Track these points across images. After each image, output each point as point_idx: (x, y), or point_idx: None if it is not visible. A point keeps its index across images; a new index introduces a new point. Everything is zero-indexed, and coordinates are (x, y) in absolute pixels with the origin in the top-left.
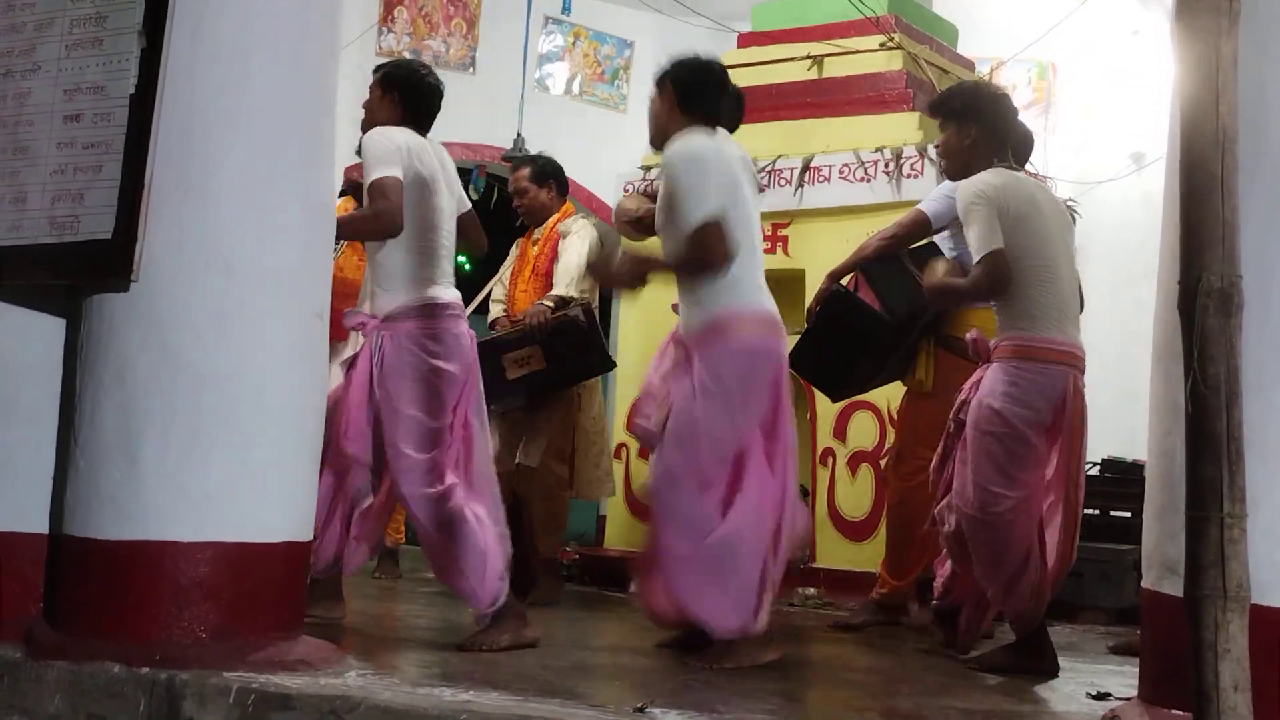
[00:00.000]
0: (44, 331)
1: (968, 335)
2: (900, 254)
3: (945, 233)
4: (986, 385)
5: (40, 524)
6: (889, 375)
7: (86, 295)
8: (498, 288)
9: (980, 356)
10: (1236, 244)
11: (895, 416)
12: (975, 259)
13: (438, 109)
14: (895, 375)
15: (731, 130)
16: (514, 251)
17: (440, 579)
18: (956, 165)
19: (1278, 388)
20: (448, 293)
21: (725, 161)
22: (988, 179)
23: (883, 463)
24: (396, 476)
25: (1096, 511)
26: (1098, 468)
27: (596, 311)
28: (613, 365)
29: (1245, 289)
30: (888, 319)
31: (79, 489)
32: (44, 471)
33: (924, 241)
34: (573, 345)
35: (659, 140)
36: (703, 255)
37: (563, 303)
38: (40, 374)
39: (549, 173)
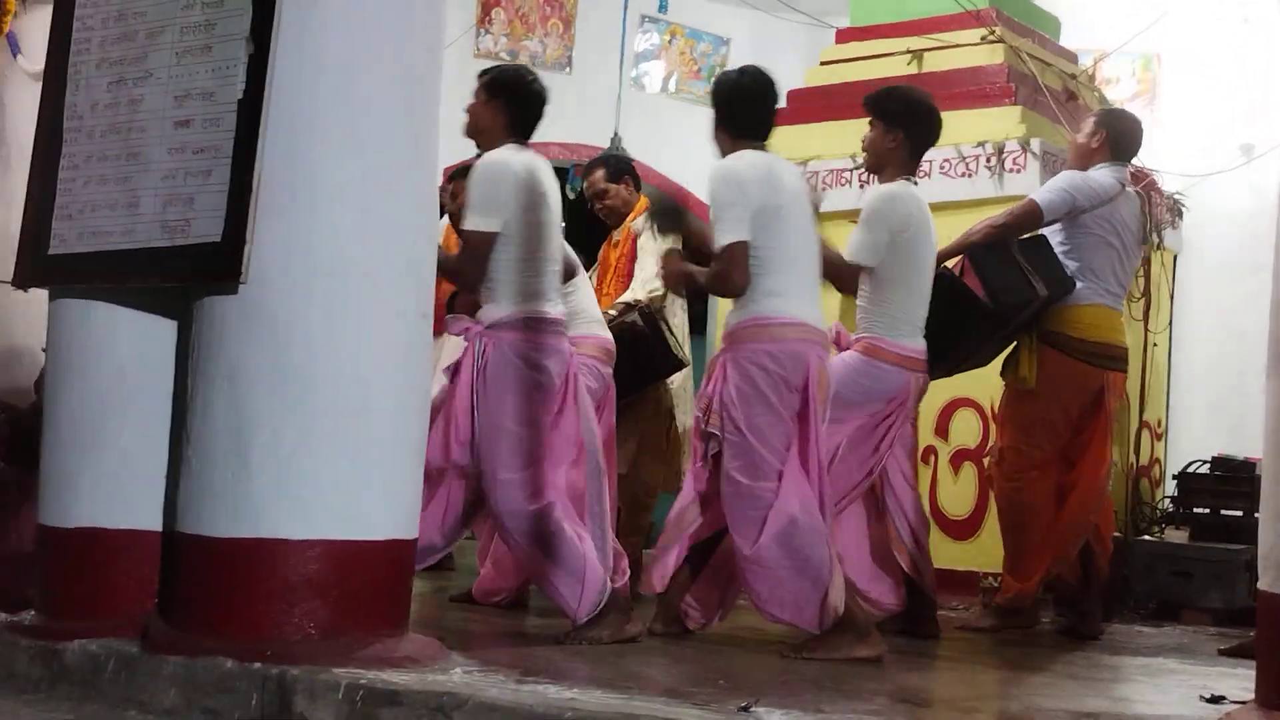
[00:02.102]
0: (158, 333)
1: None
2: (1010, 243)
3: (1056, 225)
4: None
5: (155, 522)
6: (977, 362)
7: (197, 297)
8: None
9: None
10: None
11: (997, 413)
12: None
13: (542, 116)
14: (983, 362)
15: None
16: (600, 257)
17: (542, 588)
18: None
19: None
20: (554, 308)
21: (766, 185)
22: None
23: (986, 462)
24: (491, 490)
25: (1206, 510)
26: (1207, 465)
27: (687, 307)
28: (680, 365)
29: None
30: (991, 308)
31: (191, 487)
32: (158, 470)
33: (1035, 233)
34: (636, 351)
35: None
36: (722, 277)
37: (628, 308)
38: (154, 375)
39: (623, 169)
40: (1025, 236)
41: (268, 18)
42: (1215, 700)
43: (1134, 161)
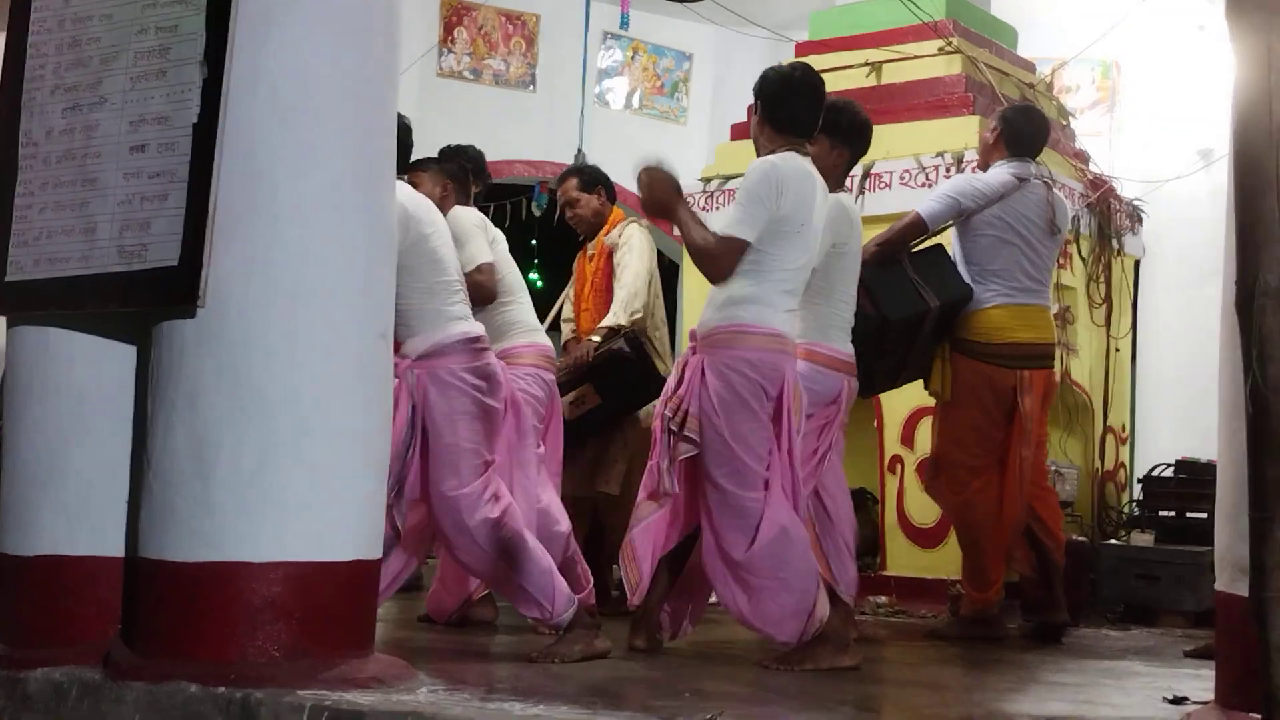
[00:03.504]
0: (117, 359)
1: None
2: (901, 258)
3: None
4: None
5: (117, 548)
6: (912, 374)
7: (156, 321)
8: (567, 305)
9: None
10: None
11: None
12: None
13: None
14: (915, 376)
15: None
16: (575, 270)
17: (509, 601)
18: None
19: None
20: (472, 327)
21: (799, 196)
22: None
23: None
24: (454, 511)
25: (1172, 513)
26: (1172, 469)
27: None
28: None
29: None
30: (880, 324)
31: (153, 512)
32: (119, 496)
33: (930, 243)
34: (623, 377)
35: (759, 155)
36: (709, 258)
37: (612, 333)
38: (114, 401)
39: (596, 179)
40: (919, 248)
41: (222, 41)
42: (1178, 701)
43: (1092, 167)
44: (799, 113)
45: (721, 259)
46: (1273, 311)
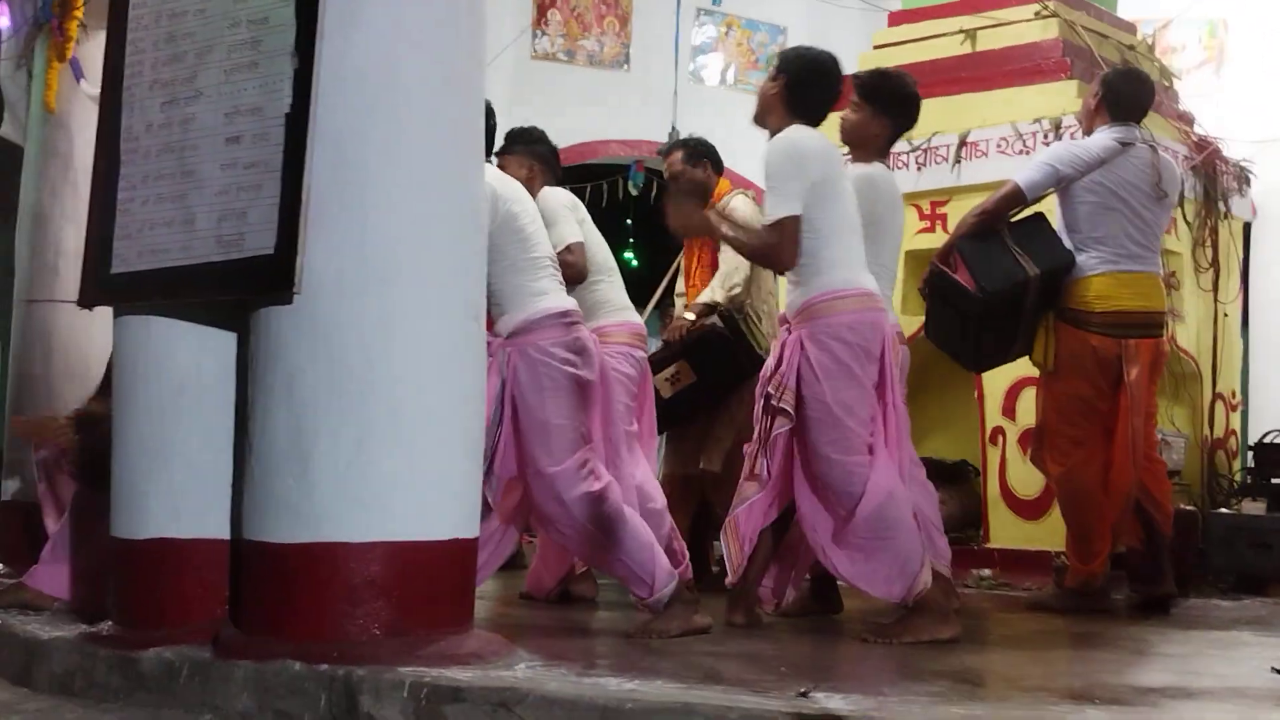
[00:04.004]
0: (217, 346)
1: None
2: (1001, 229)
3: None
4: None
5: (223, 530)
6: (1024, 347)
7: (254, 309)
8: (681, 280)
9: None
10: None
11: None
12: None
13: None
14: (1027, 350)
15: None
16: (684, 243)
17: (610, 574)
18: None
19: None
20: (564, 302)
21: (824, 159)
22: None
23: (1028, 451)
24: (552, 487)
25: None
26: None
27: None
28: (764, 361)
29: None
30: (979, 296)
31: (255, 495)
32: (224, 480)
33: (1030, 213)
34: (717, 354)
35: (759, 120)
36: (770, 249)
37: (708, 310)
38: (216, 387)
39: (702, 151)
40: (1019, 218)
41: (311, 32)
42: None
43: (1196, 129)
44: (819, 99)
45: (779, 244)
46: None
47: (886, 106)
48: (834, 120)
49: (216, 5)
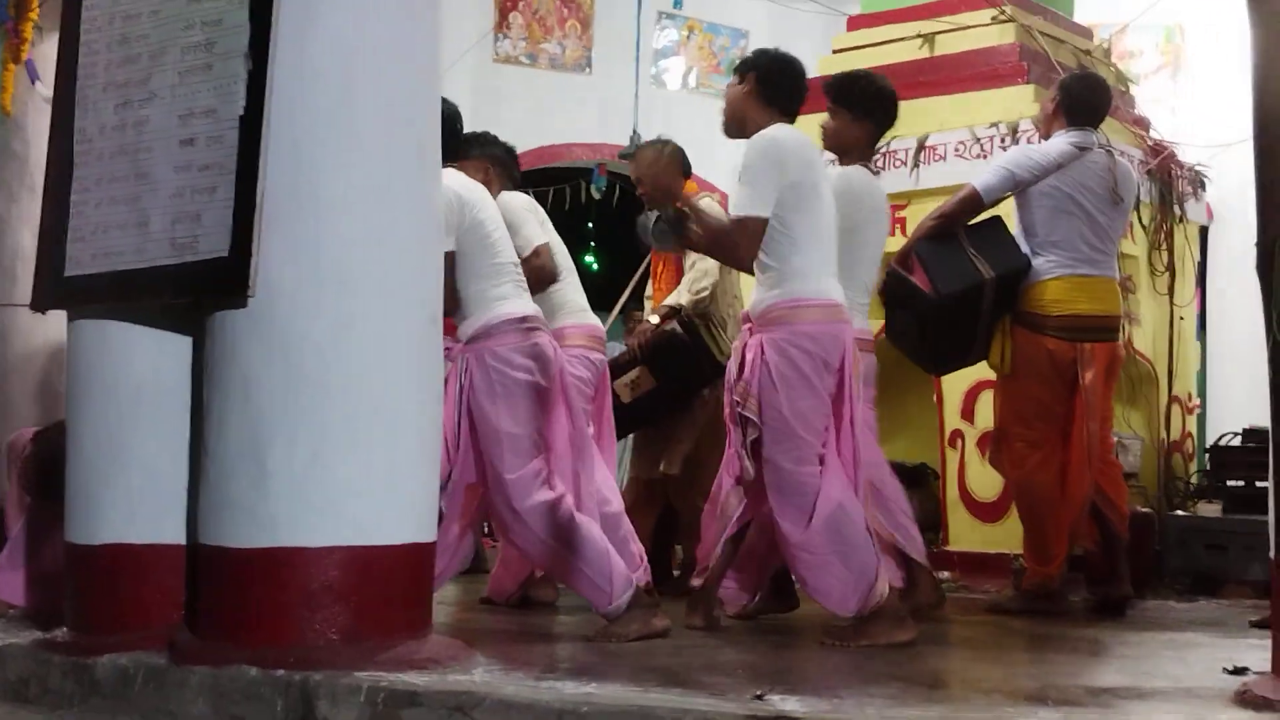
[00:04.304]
0: (173, 349)
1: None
2: (958, 232)
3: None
4: None
5: (178, 535)
6: (982, 350)
7: (210, 312)
8: (649, 284)
9: None
10: None
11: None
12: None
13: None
14: (984, 354)
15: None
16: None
17: (567, 585)
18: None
19: None
20: (525, 307)
21: (804, 161)
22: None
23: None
24: (506, 496)
25: (1241, 483)
26: (1239, 438)
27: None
28: (724, 368)
29: None
30: (935, 299)
31: (211, 500)
32: (180, 484)
33: (987, 216)
34: (678, 359)
35: (733, 129)
36: (730, 245)
37: (672, 313)
38: (172, 391)
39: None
40: (977, 221)
41: (265, 34)
42: (1238, 672)
43: (1153, 134)
44: (790, 92)
45: (739, 242)
46: None
47: (865, 109)
48: (813, 128)
49: (171, 7)
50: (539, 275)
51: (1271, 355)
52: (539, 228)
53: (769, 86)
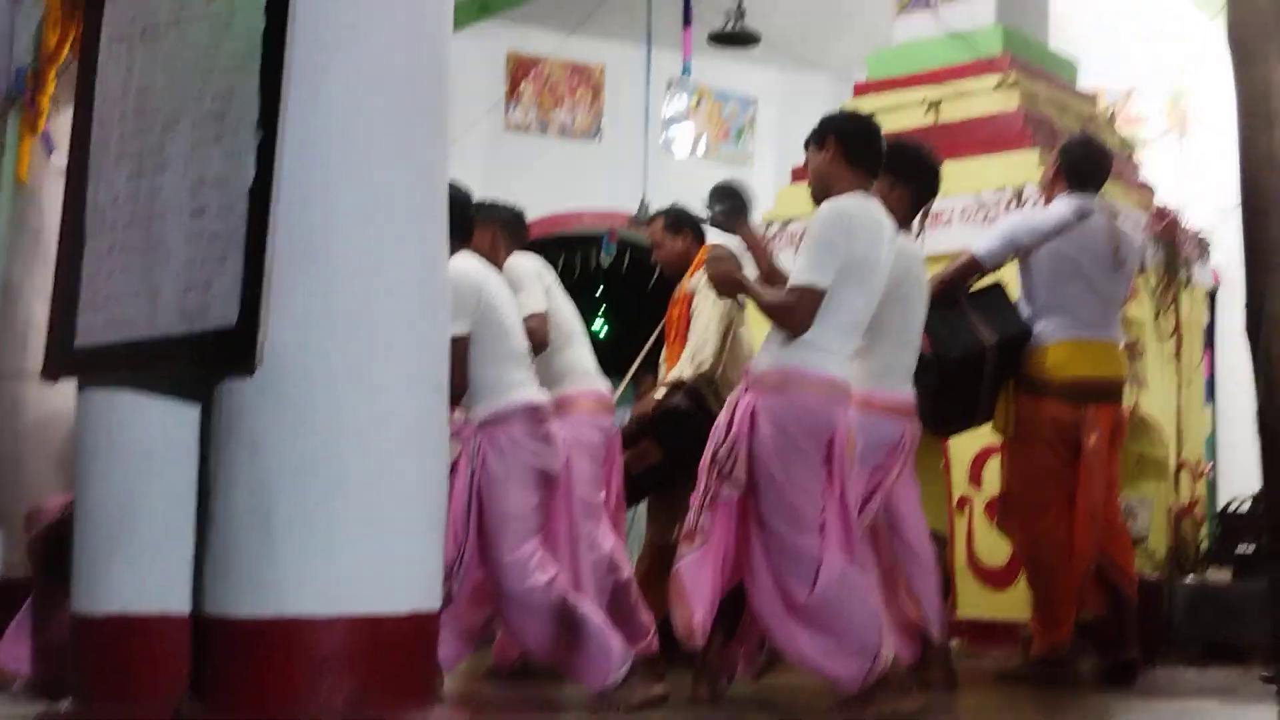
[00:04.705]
0: (183, 418)
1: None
2: (960, 297)
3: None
4: None
5: (186, 605)
6: (986, 414)
7: (218, 381)
8: (663, 350)
9: None
10: None
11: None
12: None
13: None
14: (988, 417)
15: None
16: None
17: (563, 672)
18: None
19: None
20: (537, 394)
21: (872, 240)
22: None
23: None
24: (505, 576)
25: (1250, 548)
26: (1249, 503)
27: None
28: None
29: None
30: (937, 365)
31: (217, 569)
32: (186, 554)
33: (989, 282)
34: (683, 432)
35: (821, 195)
36: (786, 313)
37: (675, 389)
38: (181, 460)
39: (683, 220)
40: (978, 287)
41: (275, 104)
42: None
43: (1158, 198)
44: (874, 151)
45: (798, 311)
46: (1279, 338)
47: (906, 176)
48: None
49: (183, 79)
50: (531, 339)
51: (1258, 423)
52: (543, 294)
53: (853, 150)
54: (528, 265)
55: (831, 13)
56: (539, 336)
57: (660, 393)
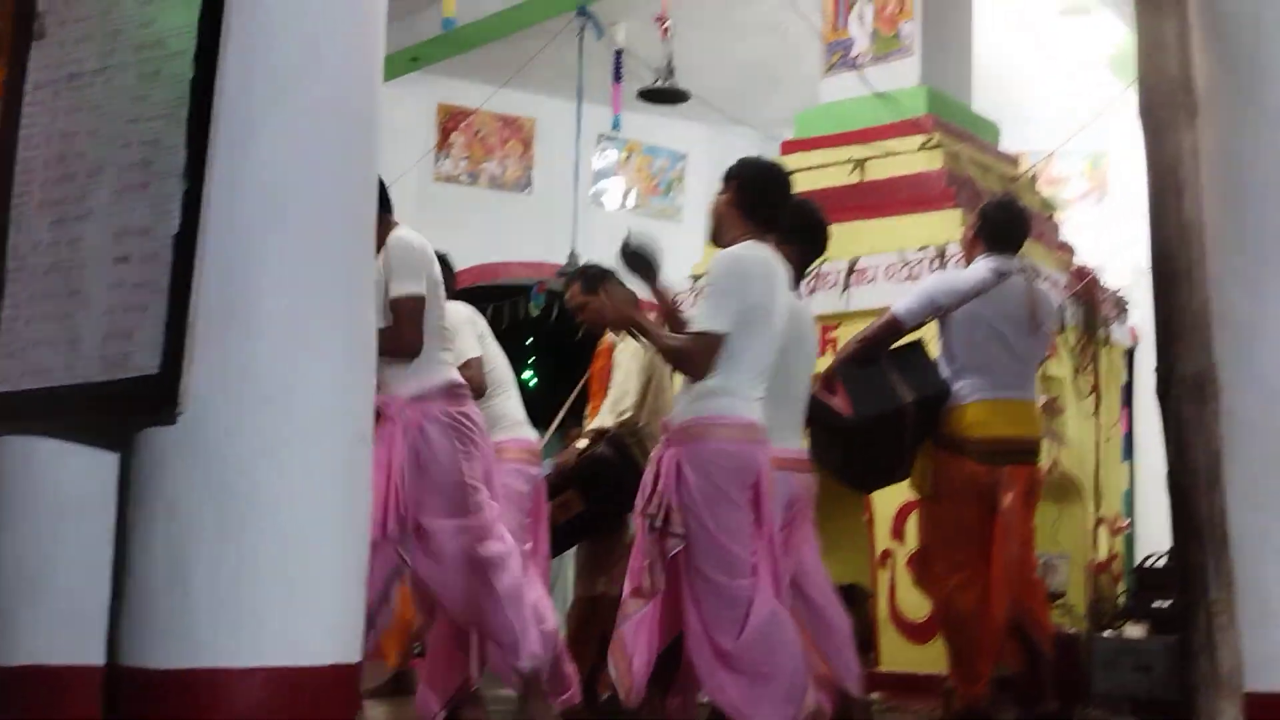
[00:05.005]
0: (101, 467)
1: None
2: (880, 356)
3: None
4: None
5: (99, 656)
6: (905, 473)
7: (137, 430)
8: (588, 403)
9: None
10: (1208, 333)
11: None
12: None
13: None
14: (906, 474)
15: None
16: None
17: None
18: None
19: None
20: (456, 373)
21: (766, 284)
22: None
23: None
24: (436, 543)
25: (1167, 604)
26: (1165, 559)
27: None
28: None
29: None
30: (854, 422)
31: (133, 620)
32: (101, 604)
33: (909, 340)
34: (605, 482)
35: (715, 235)
36: (684, 356)
37: (599, 436)
38: (98, 509)
39: (598, 278)
40: (898, 345)
41: (202, 153)
42: None
43: (1077, 258)
44: (774, 205)
45: (697, 356)
46: (1188, 400)
47: (794, 233)
48: None
49: (109, 126)
50: (469, 386)
51: (1168, 481)
52: (475, 340)
53: (749, 197)
54: (461, 312)
55: (760, 71)
56: (475, 383)
57: (583, 443)
